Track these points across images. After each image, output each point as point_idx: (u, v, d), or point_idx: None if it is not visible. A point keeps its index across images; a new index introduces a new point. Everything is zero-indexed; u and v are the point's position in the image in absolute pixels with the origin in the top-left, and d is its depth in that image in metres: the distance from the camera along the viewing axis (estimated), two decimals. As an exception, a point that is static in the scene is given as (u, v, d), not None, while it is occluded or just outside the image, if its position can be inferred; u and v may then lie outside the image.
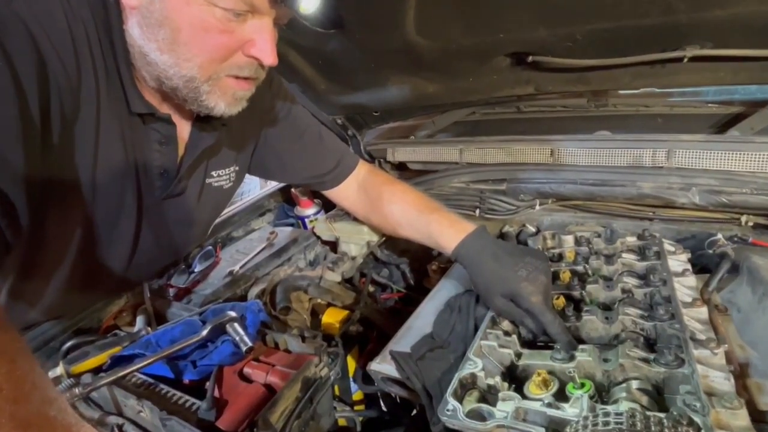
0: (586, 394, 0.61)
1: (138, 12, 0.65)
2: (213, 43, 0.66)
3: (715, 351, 0.68)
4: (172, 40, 0.65)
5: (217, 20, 0.65)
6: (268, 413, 0.66)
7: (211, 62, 0.68)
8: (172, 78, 0.68)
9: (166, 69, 0.67)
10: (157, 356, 0.77)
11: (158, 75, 0.69)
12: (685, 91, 1.24)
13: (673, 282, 0.86)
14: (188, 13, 0.63)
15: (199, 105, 0.72)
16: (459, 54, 1.10)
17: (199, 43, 0.66)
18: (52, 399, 0.40)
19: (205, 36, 0.65)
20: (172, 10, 0.63)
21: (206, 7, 0.63)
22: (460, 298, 0.92)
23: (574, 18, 0.89)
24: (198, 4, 0.63)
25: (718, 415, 0.56)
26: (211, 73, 0.69)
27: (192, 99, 0.71)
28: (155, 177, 0.83)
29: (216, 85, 0.71)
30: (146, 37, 0.66)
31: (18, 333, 0.43)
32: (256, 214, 1.40)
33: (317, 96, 1.41)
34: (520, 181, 1.24)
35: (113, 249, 0.85)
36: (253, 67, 0.73)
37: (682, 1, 0.79)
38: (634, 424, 0.50)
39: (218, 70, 0.69)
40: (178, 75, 0.67)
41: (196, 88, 0.69)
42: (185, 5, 0.63)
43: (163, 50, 0.66)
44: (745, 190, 1.01)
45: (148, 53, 0.67)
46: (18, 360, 0.39)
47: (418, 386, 0.71)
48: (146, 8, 0.64)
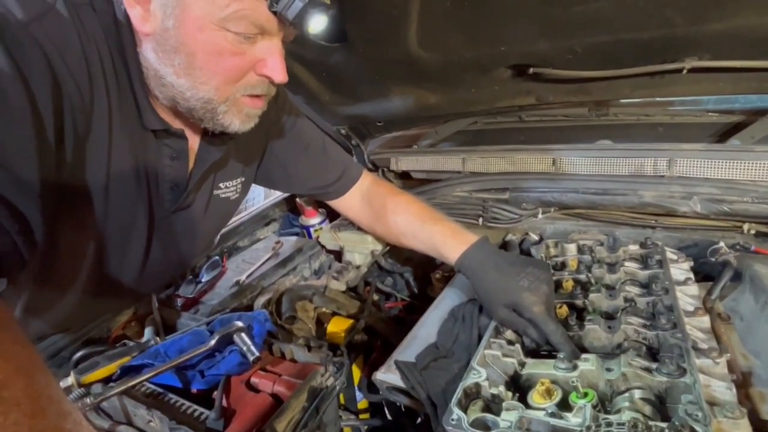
0: (589, 404, 0.62)
1: (152, 38, 0.67)
2: (227, 65, 0.69)
3: (717, 360, 0.68)
4: (187, 64, 0.67)
5: (229, 44, 0.67)
6: (276, 422, 0.67)
7: (227, 83, 0.70)
8: (189, 99, 0.70)
9: (183, 91, 0.69)
10: (166, 366, 0.78)
11: (174, 96, 0.71)
12: (686, 100, 1.25)
13: (675, 291, 0.87)
14: (202, 39, 0.65)
15: (214, 124, 0.75)
16: (461, 66, 1.12)
17: (213, 66, 0.68)
18: (68, 412, 0.41)
19: (219, 59, 0.67)
20: (186, 36, 0.65)
21: (219, 32, 0.66)
22: (463, 307, 0.93)
23: (574, 31, 0.90)
24: (211, 30, 0.65)
25: (719, 425, 0.57)
26: (228, 94, 0.71)
27: (208, 118, 0.73)
28: (166, 190, 0.84)
29: (232, 105, 0.73)
30: (162, 62, 0.68)
31: (35, 348, 0.44)
32: (261, 223, 1.42)
33: (322, 107, 1.44)
34: (522, 190, 1.26)
35: (125, 261, 0.87)
36: (264, 85, 0.75)
37: (680, 14, 0.80)
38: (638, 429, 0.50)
39: (234, 90, 0.72)
40: (195, 97, 0.70)
41: (214, 108, 0.72)
42: (198, 32, 0.65)
43: (179, 74, 0.68)
44: (746, 199, 1.02)
45: (164, 76, 0.69)
46: (36, 375, 0.41)
47: (423, 396, 0.72)
48: (160, 35, 0.66)
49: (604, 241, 1.10)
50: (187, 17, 0.65)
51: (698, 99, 1.23)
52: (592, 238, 1.17)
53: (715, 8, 0.78)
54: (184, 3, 0.65)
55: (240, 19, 0.66)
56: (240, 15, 0.66)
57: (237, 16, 0.66)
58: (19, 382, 0.38)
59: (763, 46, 0.83)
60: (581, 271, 1.02)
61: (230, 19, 0.66)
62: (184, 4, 0.65)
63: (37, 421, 0.37)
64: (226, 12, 0.65)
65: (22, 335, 0.43)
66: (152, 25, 0.67)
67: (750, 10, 0.77)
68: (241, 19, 0.66)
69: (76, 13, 0.65)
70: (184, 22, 0.66)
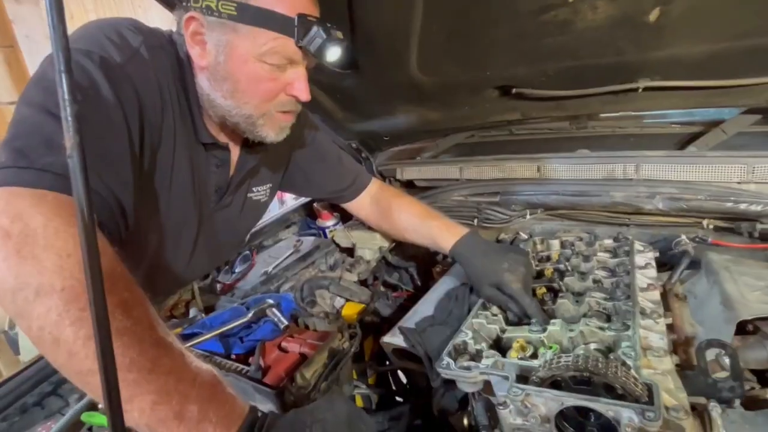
0: (551, 351, 0.79)
1: (207, 70, 0.87)
2: (264, 89, 0.89)
3: (657, 321, 0.85)
4: (234, 89, 0.87)
5: (266, 72, 0.87)
6: (304, 370, 0.85)
7: (263, 102, 0.90)
8: (234, 116, 0.90)
9: (230, 110, 0.89)
10: (213, 333, 0.97)
11: (223, 114, 0.91)
12: (654, 113, 1.43)
13: (635, 273, 1.03)
14: (245, 70, 0.86)
15: (254, 135, 0.94)
16: (455, 87, 1.32)
17: (253, 90, 0.88)
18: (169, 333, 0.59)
19: (258, 84, 0.88)
20: (233, 68, 0.86)
21: (258, 64, 0.86)
22: (457, 289, 1.10)
23: (545, 58, 1.09)
24: (252, 63, 0.85)
25: (649, 362, 0.73)
26: (264, 111, 0.91)
27: (249, 130, 0.93)
28: (211, 193, 1.04)
29: (268, 120, 0.93)
30: (213, 88, 0.88)
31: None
32: (282, 226, 1.61)
33: (335, 124, 1.64)
34: (511, 193, 1.43)
35: (178, 251, 1.06)
36: (293, 102, 0.95)
37: (629, 44, 0.99)
38: (578, 361, 0.67)
39: (269, 107, 0.91)
40: (239, 114, 0.90)
41: (253, 122, 0.91)
42: (243, 64, 0.85)
43: (226, 97, 0.88)
44: (700, 197, 1.18)
45: (214, 99, 0.89)
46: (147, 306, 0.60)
47: (421, 352, 0.89)
48: (213, 68, 0.86)
49: (584, 237, 1.27)
50: (234, 54, 0.86)
51: (664, 113, 1.41)
52: (574, 235, 1.34)
53: (656, 39, 0.97)
54: (233, 43, 0.85)
55: (274, 54, 0.86)
56: (274, 51, 0.86)
57: (272, 52, 0.86)
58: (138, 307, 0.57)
59: (700, 69, 1.01)
60: (561, 261, 1.19)
61: (267, 54, 0.86)
62: (232, 44, 0.85)
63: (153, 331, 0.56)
64: (264, 49, 0.85)
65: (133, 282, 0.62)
66: (207, 60, 0.87)
67: (683, 41, 0.95)
68: (275, 53, 0.86)
69: (153, 54, 0.85)
70: (232, 57, 0.86)
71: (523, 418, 0.70)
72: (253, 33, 0.84)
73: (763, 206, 1.10)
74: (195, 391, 0.55)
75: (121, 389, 0.52)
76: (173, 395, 0.53)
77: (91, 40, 0.77)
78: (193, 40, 0.86)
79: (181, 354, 0.58)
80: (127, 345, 0.53)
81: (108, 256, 0.59)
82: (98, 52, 0.75)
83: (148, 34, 0.87)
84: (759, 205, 1.11)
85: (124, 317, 0.55)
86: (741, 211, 1.13)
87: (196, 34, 0.86)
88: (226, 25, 0.83)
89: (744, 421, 0.64)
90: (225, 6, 0.82)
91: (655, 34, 0.95)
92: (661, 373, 0.70)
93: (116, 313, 0.54)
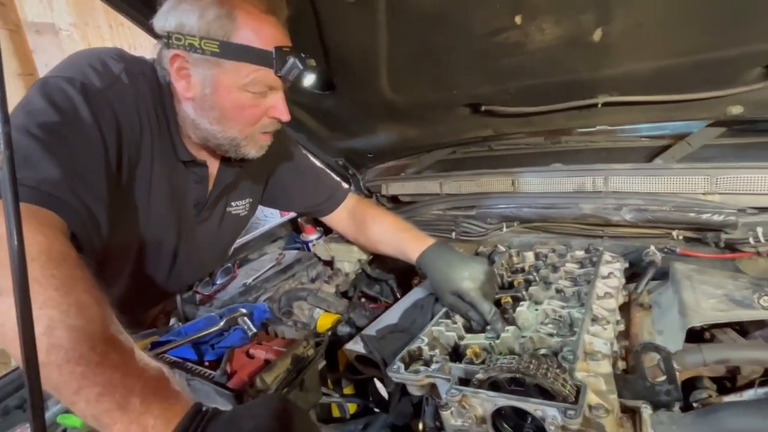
0: (500, 357, 0.81)
1: (193, 101, 0.95)
2: (248, 114, 0.97)
3: (605, 327, 0.87)
4: (221, 117, 0.95)
5: (249, 100, 0.95)
6: (264, 375, 0.89)
7: (247, 126, 0.99)
8: (219, 139, 0.98)
9: (215, 134, 0.97)
10: (186, 340, 1.02)
11: (206, 137, 0.99)
12: (625, 128, 1.46)
13: (596, 282, 1.05)
14: (230, 99, 0.94)
15: (237, 154, 1.03)
16: (427, 106, 1.38)
17: (239, 116, 0.96)
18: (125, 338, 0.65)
19: (243, 111, 0.96)
20: (219, 98, 0.94)
21: (242, 93, 0.94)
22: (424, 299, 1.14)
23: (504, 77, 1.15)
24: (236, 93, 0.93)
25: (587, 366, 0.76)
26: (248, 133, 1.00)
27: (233, 150, 1.02)
28: (191, 207, 1.11)
29: (251, 140, 1.01)
30: (200, 116, 0.96)
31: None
32: (269, 240, 1.67)
33: (320, 142, 1.71)
34: (486, 207, 1.47)
35: (158, 263, 1.12)
36: (274, 124, 1.03)
37: (581, 63, 1.04)
38: (512, 363, 0.70)
39: (253, 130, 1.00)
40: (224, 137, 0.98)
41: (237, 144, 1.00)
42: (228, 94, 0.93)
43: (213, 123, 0.96)
44: (665, 208, 1.20)
45: (200, 125, 0.97)
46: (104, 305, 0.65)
47: (378, 357, 0.93)
48: (200, 99, 0.94)
49: (558, 249, 1.29)
50: (220, 86, 0.94)
51: (635, 127, 1.44)
52: (549, 248, 1.36)
53: (605, 58, 1.01)
54: (217, 77, 0.93)
55: (256, 83, 0.94)
56: (256, 81, 0.94)
57: (254, 82, 0.94)
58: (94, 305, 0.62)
59: (651, 84, 1.06)
60: (531, 272, 1.21)
61: (249, 84, 0.94)
62: (217, 78, 0.93)
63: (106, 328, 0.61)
64: (246, 80, 0.93)
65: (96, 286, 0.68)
66: (193, 92, 0.95)
67: (629, 58, 1.00)
68: (257, 83, 0.94)
69: (133, 80, 0.93)
70: (217, 89, 0.94)
71: (462, 420, 0.73)
72: (236, 67, 0.92)
73: (725, 216, 1.12)
74: (140, 385, 0.59)
75: (70, 381, 0.58)
76: (118, 388, 0.58)
77: (75, 68, 0.86)
78: (178, 75, 0.94)
79: (130, 351, 0.62)
80: (78, 341, 0.58)
81: (70, 261, 0.65)
82: (80, 79, 0.84)
83: (131, 62, 0.95)
84: (721, 216, 1.13)
85: (78, 316, 0.60)
86: (704, 221, 1.15)
87: (181, 69, 0.94)
88: (209, 61, 0.92)
89: (671, 421, 0.66)
90: (208, 44, 0.90)
91: (602, 53, 0.99)
92: (595, 375, 0.72)
93: (71, 312, 0.60)
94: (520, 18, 0.94)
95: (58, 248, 0.64)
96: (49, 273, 0.60)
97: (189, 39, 0.89)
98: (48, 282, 0.60)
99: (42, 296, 0.59)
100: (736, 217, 1.11)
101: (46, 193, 0.69)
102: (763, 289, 0.94)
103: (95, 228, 0.80)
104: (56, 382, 0.57)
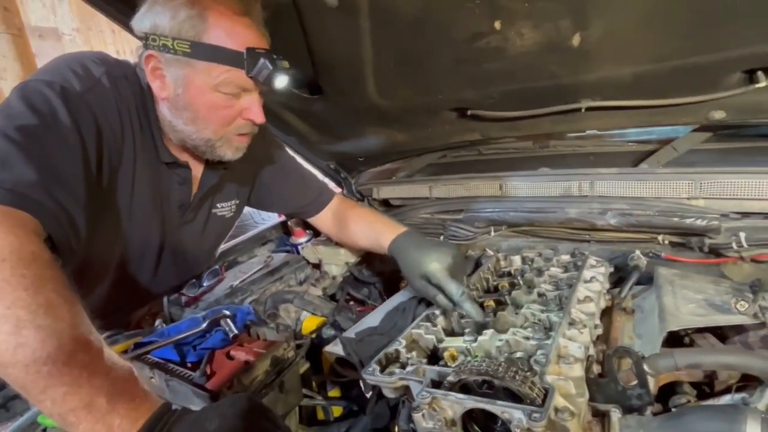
0: (477, 359, 0.82)
1: (168, 101, 0.97)
2: (221, 115, 0.98)
3: (581, 331, 0.87)
4: (194, 117, 0.96)
5: (222, 100, 0.96)
6: (242, 377, 0.89)
7: (221, 127, 0.99)
8: (195, 140, 0.99)
9: (191, 134, 0.98)
10: (168, 341, 1.02)
11: (183, 138, 1.00)
12: (613, 133, 1.47)
13: (577, 286, 1.05)
14: (202, 100, 0.95)
15: (213, 155, 1.03)
16: (414, 110, 1.39)
17: (212, 117, 0.97)
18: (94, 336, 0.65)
19: (215, 112, 0.97)
20: (192, 98, 0.95)
21: (214, 94, 0.95)
22: (406, 302, 1.14)
23: (487, 82, 1.16)
24: (208, 93, 0.94)
25: (559, 369, 0.76)
26: (222, 134, 1.00)
27: (209, 152, 1.02)
28: (175, 209, 1.12)
29: (226, 142, 1.02)
30: (174, 116, 0.97)
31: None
32: (259, 243, 1.68)
33: (311, 146, 1.72)
34: (474, 210, 1.47)
35: (142, 265, 1.13)
36: (249, 126, 1.04)
37: (561, 68, 1.05)
38: (481, 366, 0.70)
39: (227, 131, 1.00)
40: (199, 138, 0.99)
41: (213, 145, 1.01)
42: (200, 95, 0.94)
43: (187, 123, 0.97)
44: (649, 213, 1.20)
45: (176, 125, 0.98)
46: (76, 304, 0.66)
47: (356, 360, 0.93)
48: (173, 99, 0.96)
49: (545, 253, 1.29)
50: (192, 86, 0.95)
51: (624, 132, 1.44)
52: (536, 252, 1.37)
53: (584, 63, 1.02)
54: (189, 77, 0.94)
55: (227, 84, 0.95)
56: (227, 81, 0.95)
57: (225, 82, 0.95)
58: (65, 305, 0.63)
59: (631, 90, 1.06)
60: (516, 276, 1.22)
61: (221, 84, 0.95)
62: (189, 78, 0.94)
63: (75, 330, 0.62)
64: (218, 80, 0.94)
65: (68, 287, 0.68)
66: (167, 92, 0.96)
67: (608, 64, 1.00)
68: (228, 84, 0.95)
69: (114, 83, 0.95)
70: (189, 90, 0.95)
71: (433, 422, 0.73)
72: (208, 67, 0.93)
73: (708, 221, 1.12)
74: (107, 384, 0.60)
75: (36, 380, 0.58)
76: (84, 387, 0.58)
77: (55, 71, 0.87)
78: (153, 75, 0.96)
79: (99, 351, 0.63)
80: (45, 340, 0.59)
81: (41, 262, 0.66)
82: (60, 82, 0.85)
83: (112, 66, 0.97)
84: (704, 220, 1.13)
85: (46, 315, 0.61)
86: (687, 225, 1.15)
87: (155, 69, 0.95)
88: (181, 61, 0.93)
89: (639, 425, 0.66)
90: (180, 44, 0.91)
91: (582, 58, 1.00)
92: (565, 379, 0.72)
93: (39, 312, 0.60)
94: (500, 23, 0.95)
95: (30, 248, 0.65)
96: (19, 273, 0.61)
97: (162, 39, 0.90)
98: (17, 282, 0.61)
99: (11, 296, 0.60)
100: (719, 222, 1.11)
101: (21, 195, 0.70)
102: (742, 294, 0.94)
103: (73, 229, 0.81)
104: (23, 381, 0.58)
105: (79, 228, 0.84)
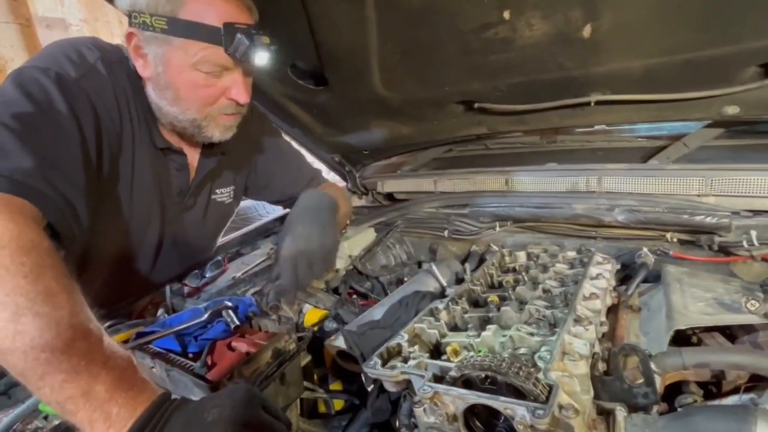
0: (481, 354, 0.80)
1: (151, 81, 0.96)
2: (202, 95, 0.96)
3: (587, 328, 0.85)
4: (176, 97, 0.95)
5: (202, 79, 0.94)
6: (243, 368, 0.89)
7: (204, 106, 0.98)
8: (182, 122, 0.98)
9: (176, 115, 0.97)
10: (169, 331, 1.02)
11: (171, 120, 0.99)
12: (622, 128, 1.44)
13: (583, 282, 1.04)
14: (182, 79, 0.93)
15: (201, 136, 1.02)
16: (419, 103, 1.37)
17: (193, 96, 0.96)
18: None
19: (196, 91, 0.95)
20: (172, 77, 0.93)
21: (193, 72, 0.93)
22: (409, 297, 1.13)
23: (494, 74, 1.14)
24: (188, 72, 0.93)
25: (564, 366, 0.74)
26: (207, 113, 0.99)
27: (196, 133, 1.01)
28: (174, 195, 1.11)
29: (212, 121, 1.00)
30: (158, 97, 0.96)
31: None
32: (262, 235, 1.67)
33: (315, 138, 1.71)
34: (479, 205, 1.46)
35: (143, 252, 1.13)
36: (233, 105, 1.02)
37: (570, 61, 1.03)
38: (485, 361, 0.69)
39: (211, 110, 0.99)
40: (185, 119, 0.98)
41: (198, 125, 0.99)
42: (179, 74, 0.93)
43: (171, 104, 0.96)
44: (658, 209, 1.18)
45: (162, 107, 0.97)
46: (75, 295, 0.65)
47: (357, 353, 0.92)
48: (155, 78, 0.95)
49: (550, 249, 1.28)
50: (171, 64, 0.93)
51: (633, 127, 1.42)
52: (541, 248, 1.35)
53: (595, 55, 1.00)
54: (168, 55, 0.93)
55: (206, 62, 0.93)
56: (205, 59, 0.93)
57: (203, 60, 0.93)
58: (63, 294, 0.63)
59: (641, 83, 1.04)
60: (521, 272, 1.20)
61: (199, 62, 0.93)
62: (168, 56, 0.93)
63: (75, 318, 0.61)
64: (196, 58, 0.92)
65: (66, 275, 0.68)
66: (150, 71, 0.95)
67: (619, 56, 0.98)
68: (206, 62, 0.93)
69: (110, 68, 0.94)
70: (169, 68, 0.94)
71: (435, 417, 0.72)
72: (185, 44, 0.91)
73: (718, 219, 1.10)
74: (105, 372, 0.59)
75: (35, 367, 0.58)
76: (82, 375, 0.58)
77: (50, 58, 0.86)
78: (136, 54, 0.94)
79: (98, 339, 0.63)
80: (43, 327, 0.58)
81: (40, 249, 0.65)
82: (54, 69, 0.84)
83: (107, 51, 0.96)
84: (714, 218, 1.10)
85: (45, 303, 0.60)
86: (697, 223, 1.13)
87: (137, 48, 0.94)
88: (159, 39, 0.91)
89: (645, 424, 0.64)
90: (157, 21, 0.89)
91: (592, 50, 0.98)
92: (570, 376, 0.71)
93: (38, 299, 0.60)
94: (509, 13, 0.93)
95: (29, 236, 0.64)
96: (18, 260, 0.61)
97: (142, 17, 0.88)
98: (17, 269, 0.60)
99: (10, 283, 0.59)
100: (729, 220, 1.08)
101: (19, 182, 0.70)
102: (752, 293, 0.92)
103: (73, 216, 0.81)
104: (22, 368, 0.57)
105: (80, 215, 0.84)
